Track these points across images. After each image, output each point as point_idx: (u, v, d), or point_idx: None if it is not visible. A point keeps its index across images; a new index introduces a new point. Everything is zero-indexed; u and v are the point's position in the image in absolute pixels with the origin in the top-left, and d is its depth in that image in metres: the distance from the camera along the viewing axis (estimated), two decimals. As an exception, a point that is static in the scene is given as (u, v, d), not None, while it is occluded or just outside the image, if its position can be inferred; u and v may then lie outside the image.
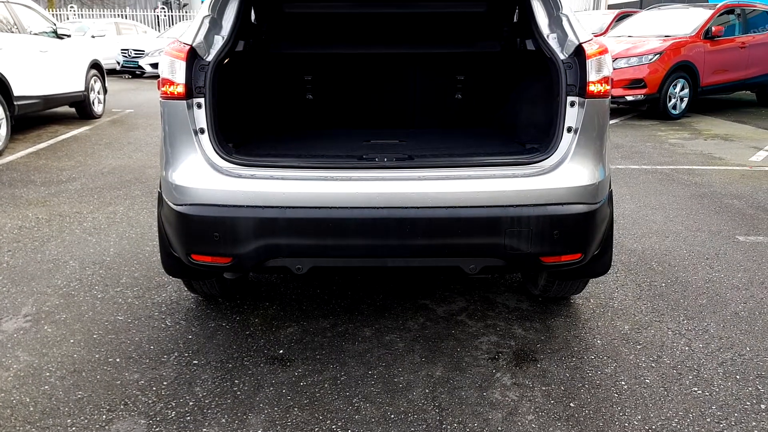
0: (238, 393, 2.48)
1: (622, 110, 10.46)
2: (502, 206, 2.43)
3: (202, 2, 3.04)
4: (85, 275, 3.61)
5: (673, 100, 9.67)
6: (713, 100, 11.52)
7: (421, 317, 3.10)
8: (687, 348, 2.83)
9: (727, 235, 4.36)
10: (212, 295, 3.24)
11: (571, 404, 2.41)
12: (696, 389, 2.52)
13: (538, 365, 2.68)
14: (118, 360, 2.71)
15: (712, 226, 4.54)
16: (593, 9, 27.49)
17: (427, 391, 2.49)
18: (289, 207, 2.42)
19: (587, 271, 2.89)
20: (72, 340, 2.88)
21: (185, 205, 2.49)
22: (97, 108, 9.53)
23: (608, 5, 26.13)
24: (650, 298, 3.35)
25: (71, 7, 29.21)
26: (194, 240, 2.52)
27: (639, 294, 3.40)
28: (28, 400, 2.43)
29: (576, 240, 2.54)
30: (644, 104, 9.86)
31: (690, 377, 2.60)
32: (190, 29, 2.68)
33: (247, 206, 2.43)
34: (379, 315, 3.12)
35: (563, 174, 2.50)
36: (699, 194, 5.41)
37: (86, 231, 4.38)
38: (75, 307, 3.21)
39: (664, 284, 3.53)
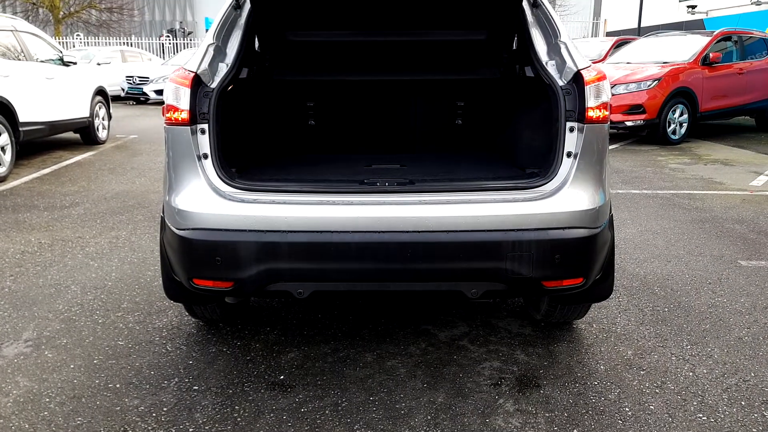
0: (239, 419, 2.46)
1: (622, 135, 10.53)
2: (503, 230, 2.44)
3: (207, 30, 3.09)
4: (86, 300, 3.60)
5: (672, 126, 9.74)
6: (713, 126, 11.60)
7: (423, 342, 3.09)
8: (691, 374, 2.81)
9: (729, 259, 4.36)
10: (213, 320, 3.24)
11: (575, 431, 2.39)
12: (701, 416, 2.49)
13: (541, 391, 2.66)
14: (118, 386, 2.70)
15: (714, 251, 4.54)
16: (592, 36, 27.86)
17: (429, 417, 2.47)
18: (291, 231, 2.43)
19: (589, 296, 2.89)
20: (72, 366, 2.86)
21: (188, 229, 2.50)
22: (102, 134, 9.62)
23: (606, 32, 26.50)
24: (653, 323, 3.34)
25: (77, 35, 29.69)
26: (196, 264, 2.53)
27: (642, 319, 3.38)
28: (27, 426, 2.41)
29: (577, 264, 2.54)
30: (644, 129, 9.93)
31: (695, 403, 2.58)
32: (194, 57, 2.72)
33: (249, 230, 2.44)
34: (380, 340, 3.11)
35: (564, 198, 2.52)
36: (700, 219, 5.42)
37: (88, 256, 4.39)
38: (76, 332, 3.21)
39: (666, 309, 3.52)
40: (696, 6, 21.19)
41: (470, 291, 2.54)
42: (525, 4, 3.12)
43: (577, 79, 2.59)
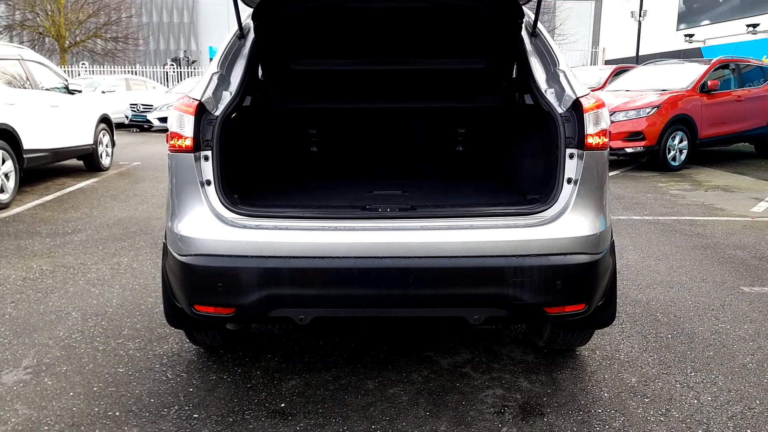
0: (239, 448, 2.43)
1: (623, 162, 10.58)
2: (505, 256, 2.44)
3: (211, 59, 3.14)
4: (87, 327, 3.59)
5: (672, 152, 9.80)
6: (712, 152, 11.66)
7: (426, 369, 3.06)
8: (695, 401, 2.79)
9: (731, 286, 4.35)
10: (214, 347, 3.22)
11: (579, 459, 2.36)
12: (706, 444, 2.46)
13: (545, 419, 2.63)
14: (117, 413, 2.67)
15: (716, 277, 4.53)
16: (591, 64, 28.19)
17: (431, 445, 2.44)
18: (293, 257, 2.43)
19: (592, 322, 2.88)
20: (72, 393, 2.84)
21: (190, 255, 2.51)
22: (105, 161, 9.69)
23: (605, 61, 26.81)
24: (657, 349, 3.32)
25: (83, 63, 30.09)
26: (198, 290, 2.53)
27: (645, 346, 3.36)
28: (25, 454, 2.38)
29: (579, 290, 2.54)
30: (644, 156, 9.99)
31: (700, 431, 2.55)
32: (199, 85, 2.76)
33: (251, 256, 2.45)
34: (382, 367, 3.09)
35: (565, 224, 2.53)
36: (702, 245, 5.42)
37: (90, 282, 4.38)
38: (76, 359, 3.19)
39: (670, 335, 3.50)
40: (693, 35, 21.48)
41: (472, 317, 2.53)
42: (524, 34, 3.18)
43: (576, 106, 2.62)
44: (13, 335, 3.47)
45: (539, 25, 3.18)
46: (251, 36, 3.16)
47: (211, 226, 2.52)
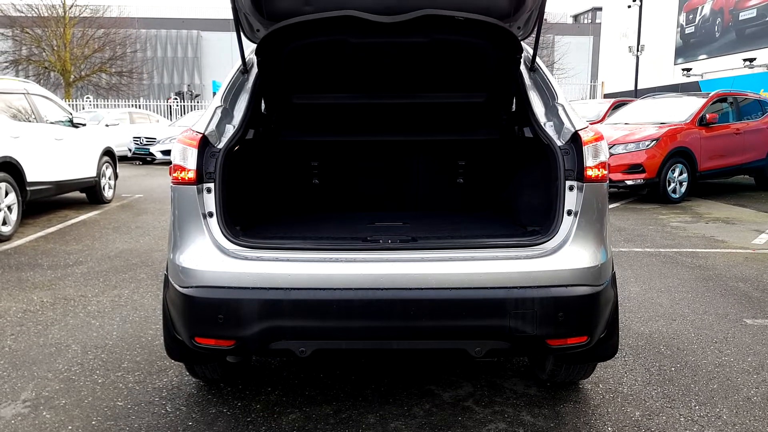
0: (238, 483, 2.39)
1: (623, 194, 10.62)
2: (506, 288, 2.44)
3: (214, 93, 3.20)
4: (86, 359, 3.57)
5: (672, 185, 9.84)
6: (712, 184, 11.71)
7: (427, 403, 3.03)
8: (701, 435, 2.75)
9: (734, 318, 4.32)
10: (214, 380, 3.20)
11: (584, 496, 2.32)
12: (713, 480, 2.42)
13: (548, 454, 2.59)
14: (115, 448, 2.64)
15: (719, 309, 4.51)
16: (590, 98, 28.52)
17: (433, 481, 2.40)
18: (294, 288, 2.43)
19: (594, 355, 2.86)
20: (70, 427, 2.81)
21: (191, 287, 2.51)
22: (108, 193, 9.74)
23: (604, 95, 27.14)
24: (660, 382, 3.28)
25: (87, 97, 30.49)
26: (199, 322, 2.52)
27: (648, 379, 3.33)
28: (20, 490, 2.35)
29: (581, 322, 2.53)
30: (644, 188, 10.03)
31: (706, 467, 2.51)
32: (203, 119, 2.81)
33: (252, 288, 2.45)
34: (383, 401, 3.05)
35: (565, 256, 2.53)
36: (704, 277, 5.40)
37: (90, 314, 4.37)
38: (75, 392, 3.16)
39: (673, 368, 3.46)
40: (691, 69, 21.79)
41: (474, 349, 2.52)
42: (523, 68, 3.23)
43: (575, 139, 2.65)
44: (12, 368, 3.45)
45: (538, 59, 3.24)
46: (254, 71, 3.22)
47: (213, 258, 2.52)
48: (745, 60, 18.93)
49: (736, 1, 20.26)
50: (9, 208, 6.95)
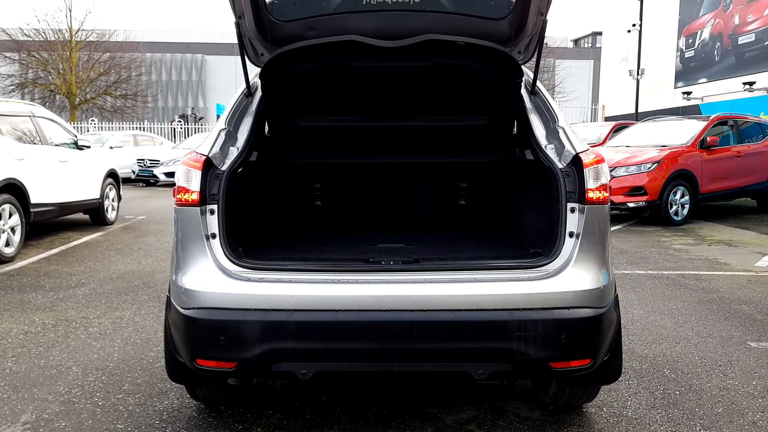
0: (238, 508, 2.36)
1: (625, 216, 10.62)
2: (508, 310, 2.44)
3: (218, 116, 3.23)
4: (87, 381, 3.55)
5: (674, 207, 9.85)
6: (715, 207, 11.71)
7: (430, 427, 3.00)
8: (707, 460, 2.71)
9: (738, 341, 4.29)
10: (215, 402, 3.18)
11: None
12: (719, 506, 2.39)
13: (552, 479, 2.56)
14: (115, 471, 2.62)
15: (723, 332, 4.48)
16: (591, 121, 28.70)
17: (435, 506, 2.37)
18: (296, 310, 2.43)
19: (598, 378, 2.84)
20: (69, 450, 2.79)
21: (193, 308, 2.51)
22: (111, 215, 9.78)
23: (605, 117, 27.30)
24: (664, 406, 3.25)
25: (92, 120, 30.76)
26: (200, 344, 2.52)
27: (653, 402, 3.30)
28: None
29: (584, 345, 2.52)
30: (646, 211, 10.04)
31: (712, 492, 2.47)
32: (206, 141, 2.83)
33: (255, 309, 2.45)
34: (385, 424, 3.03)
35: (568, 278, 2.53)
36: (707, 300, 5.38)
37: (91, 336, 4.36)
38: (75, 414, 3.14)
39: (678, 392, 3.44)
40: (691, 92, 21.95)
41: (477, 372, 2.51)
42: (523, 92, 3.27)
43: (576, 161, 2.67)
44: (13, 390, 3.43)
45: (538, 83, 3.28)
46: (258, 94, 3.26)
47: (215, 280, 2.53)
48: (744, 83, 19.07)
49: (735, 26, 20.48)
50: (12, 229, 6.97)
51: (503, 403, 3.26)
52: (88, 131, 26.45)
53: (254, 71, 3.29)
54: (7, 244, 6.88)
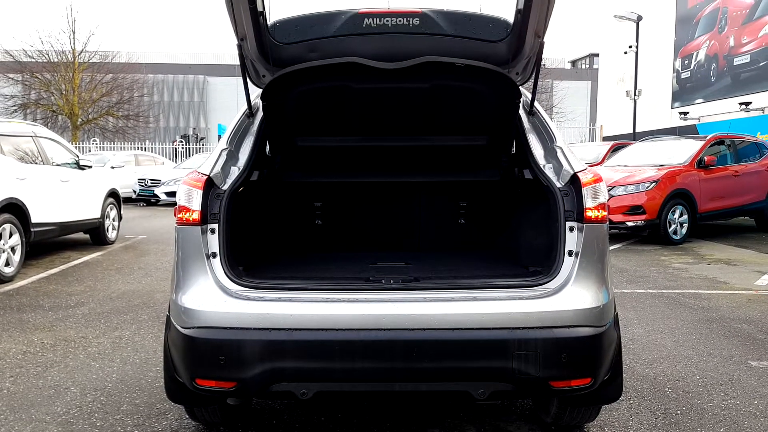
0: None
1: (624, 235, 10.64)
2: (509, 328, 2.44)
3: (220, 136, 3.27)
4: (85, 402, 3.54)
5: (673, 226, 9.87)
6: (713, 226, 11.72)
7: (429, 447, 2.99)
8: (709, 481, 2.69)
9: (739, 360, 4.28)
10: (214, 423, 3.16)
11: None
12: None
13: (553, 499, 2.54)
14: (113, 493, 2.59)
15: (724, 351, 4.47)
16: (589, 141, 28.85)
17: None
18: (296, 329, 2.43)
19: (599, 397, 2.83)
20: (67, 471, 2.77)
21: (193, 328, 2.51)
22: (111, 234, 9.78)
23: (603, 137, 27.45)
24: (666, 426, 3.24)
25: (94, 140, 30.91)
26: (200, 364, 2.52)
27: (654, 422, 3.28)
28: None
29: (585, 363, 2.52)
30: (645, 230, 10.06)
31: None
32: (208, 161, 2.86)
33: (255, 328, 2.45)
34: (385, 444, 3.01)
35: (567, 296, 2.54)
36: (707, 318, 5.37)
37: (90, 356, 4.34)
38: (73, 435, 3.12)
39: (679, 412, 3.42)
40: (688, 112, 22.11)
41: (477, 392, 2.50)
42: (522, 113, 3.31)
43: (575, 180, 2.70)
44: (10, 411, 3.41)
45: (536, 103, 3.32)
46: (260, 114, 3.29)
47: (216, 299, 2.53)
48: (741, 104, 19.22)
49: (730, 47, 20.70)
50: (12, 249, 6.98)
51: (504, 423, 3.24)
52: (89, 151, 26.57)
53: (256, 92, 3.33)
54: (7, 264, 6.88)
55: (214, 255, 2.62)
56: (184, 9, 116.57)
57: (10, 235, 6.97)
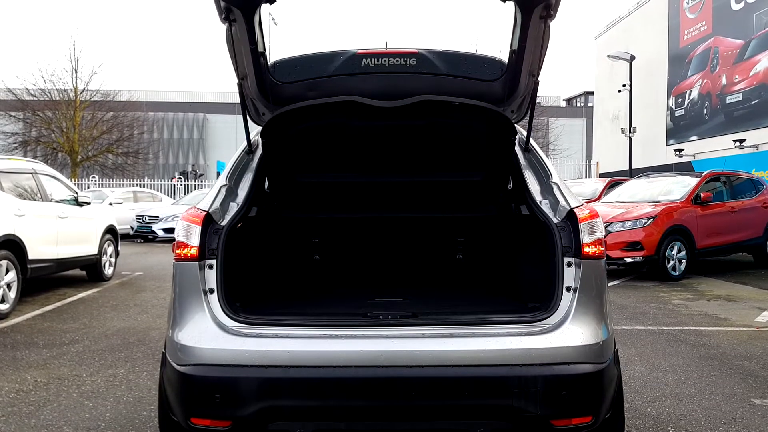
0: None
1: (623, 272, 10.61)
2: (508, 365, 2.42)
3: (219, 173, 3.30)
4: (77, 442, 3.47)
5: (672, 262, 9.85)
6: (712, 262, 11.72)
7: (428, 488, 2.92)
8: None
9: (741, 398, 4.23)
10: (209, 464, 3.09)
11: None
12: None
13: None
14: None
15: (726, 389, 4.42)
16: (585, 177, 29.05)
17: None
18: (293, 366, 2.41)
19: (600, 436, 2.78)
20: None
21: (189, 365, 2.48)
22: (108, 271, 9.74)
23: (599, 174, 27.66)
24: (670, 466, 3.18)
25: (93, 177, 31.03)
26: (195, 402, 2.48)
27: (657, 462, 3.22)
28: None
29: (585, 401, 2.49)
30: (644, 266, 10.05)
31: None
32: (207, 197, 2.88)
33: (251, 366, 2.43)
34: (383, 486, 2.94)
35: (567, 333, 2.52)
36: (708, 356, 5.32)
37: (84, 395, 4.27)
38: (64, 476, 3.05)
39: (682, 451, 3.36)
40: (683, 149, 22.33)
41: (477, 430, 2.46)
42: (518, 150, 3.35)
43: (571, 216, 2.71)
44: (1, 451, 3.35)
45: (531, 141, 3.36)
46: (259, 151, 3.33)
47: (212, 335, 2.51)
48: (735, 141, 19.45)
49: (723, 86, 21.05)
50: (8, 285, 6.93)
51: (504, 464, 3.17)
52: (88, 188, 26.64)
53: (255, 129, 3.37)
54: (2, 301, 6.82)
55: (211, 291, 2.61)
56: (186, 48, 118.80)
57: (7, 272, 6.93)
